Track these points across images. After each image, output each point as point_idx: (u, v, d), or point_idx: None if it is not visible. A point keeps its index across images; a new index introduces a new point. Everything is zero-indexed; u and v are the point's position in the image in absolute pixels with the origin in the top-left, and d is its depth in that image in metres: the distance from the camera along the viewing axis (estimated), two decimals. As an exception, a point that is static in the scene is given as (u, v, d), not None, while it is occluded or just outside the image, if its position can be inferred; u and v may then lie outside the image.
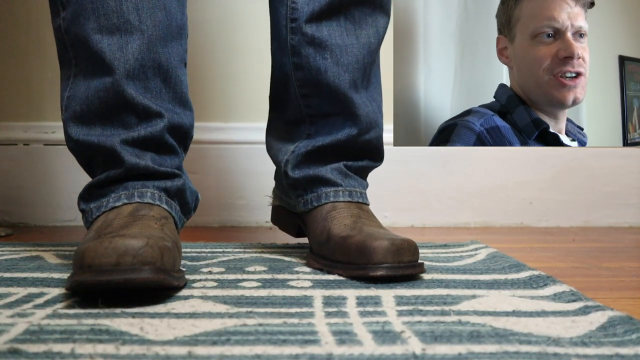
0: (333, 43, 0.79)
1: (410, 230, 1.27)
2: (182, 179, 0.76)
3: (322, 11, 0.79)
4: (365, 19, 0.81)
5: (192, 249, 0.90)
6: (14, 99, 1.29)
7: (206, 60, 1.28)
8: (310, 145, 0.82)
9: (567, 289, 0.63)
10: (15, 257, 0.81)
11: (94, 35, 0.72)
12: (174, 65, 0.76)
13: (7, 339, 0.47)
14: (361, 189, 0.83)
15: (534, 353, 0.44)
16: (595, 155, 1.35)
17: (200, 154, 1.26)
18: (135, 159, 0.73)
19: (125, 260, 0.56)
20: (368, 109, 0.82)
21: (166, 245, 0.60)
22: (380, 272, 0.68)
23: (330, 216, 0.78)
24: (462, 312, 0.56)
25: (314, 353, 0.44)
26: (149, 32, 0.73)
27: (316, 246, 0.79)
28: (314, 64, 0.80)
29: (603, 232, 1.26)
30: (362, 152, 0.84)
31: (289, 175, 0.83)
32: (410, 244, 0.70)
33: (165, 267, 0.59)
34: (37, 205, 1.27)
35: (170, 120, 0.75)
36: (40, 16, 1.27)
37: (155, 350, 0.44)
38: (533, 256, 0.94)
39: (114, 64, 0.72)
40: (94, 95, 0.73)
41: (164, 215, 0.71)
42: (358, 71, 0.81)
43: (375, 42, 0.82)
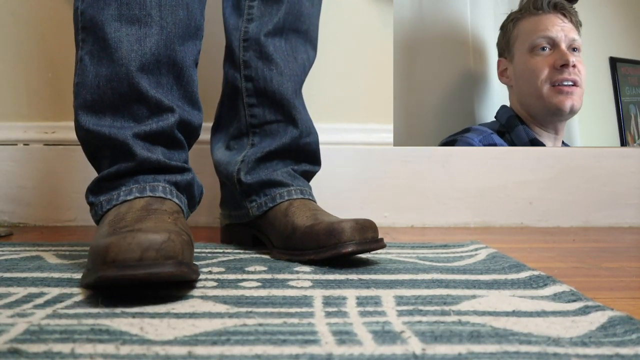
0: (277, 57, 0.91)
1: (410, 230, 1.27)
2: (191, 174, 0.78)
3: (269, 31, 0.91)
4: (299, 46, 0.94)
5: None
6: (14, 99, 1.29)
7: (206, 60, 1.28)
8: (259, 152, 0.91)
9: (567, 289, 0.63)
10: (15, 257, 0.81)
11: (113, 22, 0.73)
12: (187, 64, 0.77)
13: (7, 339, 0.47)
14: (308, 188, 0.91)
15: (534, 353, 0.44)
16: (595, 155, 1.35)
17: (200, 154, 1.26)
18: (147, 153, 0.73)
19: (149, 255, 0.56)
20: (306, 116, 0.93)
21: (184, 239, 0.61)
22: (350, 248, 0.75)
23: (291, 212, 0.85)
24: (462, 312, 0.56)
25: (314, 353, 0.44)
26: (169, 29, 0.74)
27: (281, 241, 0.84)
28: (261, 75, 0.91)
29: (603, 232, 1.26)
30: (303, 156, 0.93)
31: (242, 181, 0.90)
32: (371, 222, 0.79)
33: (186, 260, 0.60)
34: (37, 205, 1.27)
35: (180, 116, 0.76)
36: (40, 16, 1.27)
37: (155, 350, 0.44)
38: (533, 256, 0.94)
39: (131, 55, 0.72)
40: (106, 85, 0.73)
41: (175, 210, 0.71)
42: (297, 83, 0.92)
43: (308, 66, 0.96)
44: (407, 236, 1.16)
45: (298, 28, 0.93)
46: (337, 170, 1.29)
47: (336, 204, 1.24)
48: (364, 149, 1.31)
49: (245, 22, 0.92)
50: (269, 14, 0.92)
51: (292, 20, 0.92)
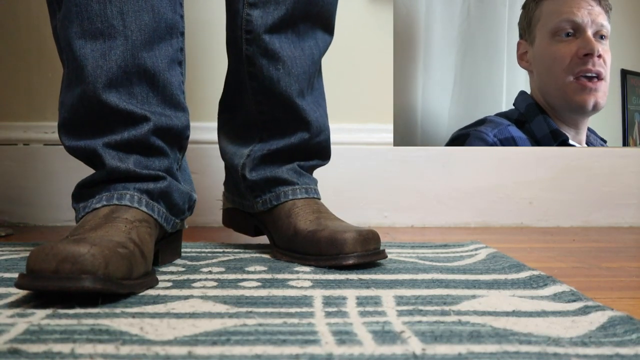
0: (284, 55, 0.84)
1: (410, 230, 1.27)
2: (166, 181, 0.76)
3: (275, 25, 0.84)
4: (307, 32, 0.87)
5: (192, 249, 0.90)
6: (14, 99, 1.29)
7: (206, 60, 1.28)
8: (266, 149, 0.88)
9: (567, 289, 0.63)
10: (15, 257, 0.81)
11: (78, 39, 0.72)
12: (161, 68, 0.75)
13: (7, 339, 0.47)
14: (314, 185, 0.90)
15: (534, 353, 0.44)
16: (595, 155, 1.35)
17: (200, 154, 1.26)
18: (116, 162, 0.73)
19: (64, 267, 0.55)
20: (317, 115, 0.89)
21: (118, 252, 0.59)
22: (352, 261, 0.75)
23: (294, 213, 0.84)
24: (462, 312, 0.56)
25: (314, 353, 0.44)
26: (134, 37, 0.72)
27: (283, 241, 0.84)
28: (267, 74, 0.85)
29: (603, 232, 1.26)
30: (313, 153, 0.91)
31: (247, 178, 0.88)
32: (374, 233, 0.78)
33: (109, 275, 0.57)
34: (37, 205, 1.27)
35: (157, 123, 0.74)
36: (40, 16, 1.27)
37: (155, 350, 0.44)
38: (533, 256, 0.94)
39: (96, 72, 0.71)
40: (79, 104, 0.73)
41: (139, 218, 0.70)
42: (305, 81, 0.87)
43: (317, 53, 0.88)
44: (407, 236, 1.16)
45: (309, 12, 0.85)
46: (337, 170, 1.29)
47: (336, 204, 1.24)
48: (364, 149, 1.31)
49: (247, 6, 0.84)
50: (275, 1, 0.83)
51: (302, 6, 0.84)
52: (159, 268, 0.76)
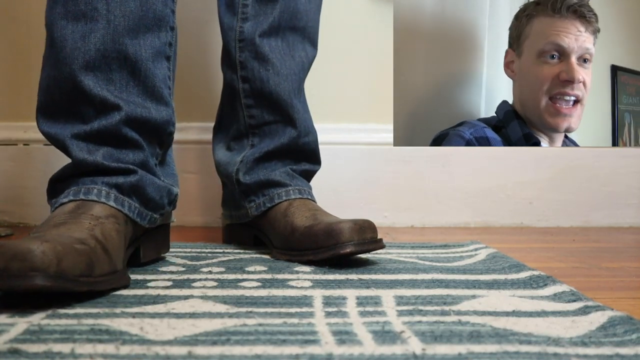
0: (273, 57, 0.91)
1: (410, 230, 1.27)
2: (137, 175, 0.73)
3: (264, 31, 0.91)
4: (296, 44, 0.93)
5: (192, 249, 0.90)
6: (14, 99, 1.29)
7: (206, 60, 1.28)
8: (257, 153, 0.91)
9: (567, 289, 0.63)
10: (15, 257, 0.81)
11: (60, 20, 0.71)
12: (144, 57, 0.74)
13: (7, 339, 0.47)
14: (307, 188, 0.91)
15: (534, 353, 0.44)
16: (595, 155, 1.35)
17: (200, 154, 1.26)
18: (83, 154, 0.71)
19: (13, 265, 0.53)
20: (305, 115, 0.93)
21: (75, 248, 0.57)
22: (349, 249, 0.75)
23: (290, 212, 0.85)
24: (462, 312, 0.56)
25: (314, 353, 0.44)
26: (116, 22, 0.71)
27: (280, 241, 0.85)
28: (257, 75, 0.90)
29: (603, 232, 1.26)
30: (302, 155, 0.93)
31: (241, 182, 0.90)
32: (370, 222, 0.78)
33: (63, 272, 0.55)
34: (37, 205, 1.27)
35: (130, 113, 0.72)
36: (40, 16, 1.26)
37: (155, 350, 0.44)
38: (533, 256, 0.94)
39: (74, 54, 0.70)
40: (54, 86, 0.72)
41: (105, 214, 0.68)
42: (294, 82, 0.92)
43: (307, 63, 0.95)
44: (407, 236, 1.16)
45: (295, 25, 0.93)
46: (337, 170, 1.29)
47: (336, 204, 1.24)
48: (364, 149, 1.31)
49: (240, 21, 0.92)
50: (264, 13, 0.91)
51: (288, 18, 0.92)
52: (158, 268, 0.76)
